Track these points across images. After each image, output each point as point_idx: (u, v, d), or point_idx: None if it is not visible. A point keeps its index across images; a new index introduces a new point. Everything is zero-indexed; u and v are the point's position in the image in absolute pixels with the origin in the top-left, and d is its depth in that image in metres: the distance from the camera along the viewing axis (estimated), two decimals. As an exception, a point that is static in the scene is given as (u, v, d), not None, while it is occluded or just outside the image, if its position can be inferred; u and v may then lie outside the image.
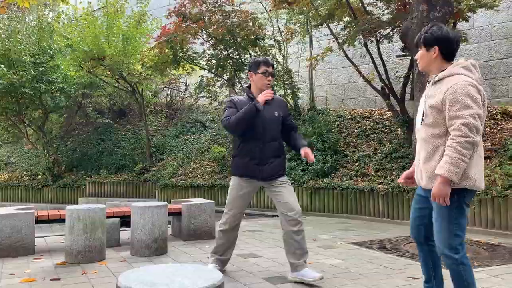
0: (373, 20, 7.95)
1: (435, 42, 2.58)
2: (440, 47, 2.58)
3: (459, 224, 2.52)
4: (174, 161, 12.05)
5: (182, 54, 10.87)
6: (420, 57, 2.69)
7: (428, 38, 2.59)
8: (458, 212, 2.52)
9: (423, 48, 2.64)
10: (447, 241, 2.51)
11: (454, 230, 2.51)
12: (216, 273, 2.02)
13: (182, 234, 5.66)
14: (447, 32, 2.59)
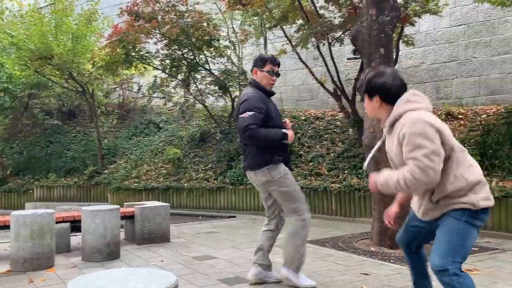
0: (325, 23, 8.12)
1: (375, 92, 2.48)
2: (380, 96, 2.47)
3: (462, 241, 2.26)
4: (127, 163, 11.77)
5: (135, 54, 10.65)
6: (366, 106, 2.61)
7: (368, 87, 2.51)
8: (465, 229, 2.28)
9: (366, 97, 2.55)
10: (443, 254, 2.25)
11: (454, 245, 2.25)
12: (170, 276, 2.00)
13: (136, 238, 5.54)
14: (386, 77, 2.46)
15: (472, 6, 8.87)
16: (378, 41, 5.21)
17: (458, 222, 2.28)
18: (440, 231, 2.34)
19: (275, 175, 3.47)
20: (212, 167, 10.07)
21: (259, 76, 3.60)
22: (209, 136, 11.50)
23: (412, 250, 2.70)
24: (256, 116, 3.36)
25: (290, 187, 3.53)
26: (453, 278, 2.20)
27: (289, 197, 3.55)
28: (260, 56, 3.67)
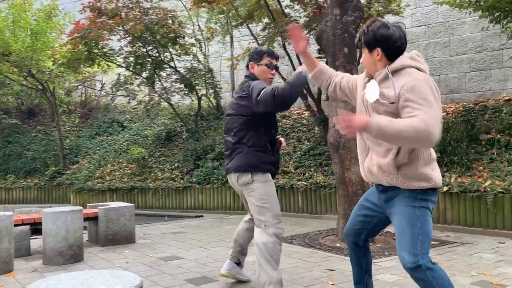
0: (291, 22, 8.19)
1: (377, 43, 2.28)
2: (382, 48, 2.28)
3: (423, 229, 2.24)
4: (90, 163, 11.49)
5: (98, 51, 10.40)
6: (364, 60, 2.38)
7: (368, 39, 2.30)
8: (422, 216, 2.25)
9: (365, 50, 2.34)
10: (410, 249, 2.20)
11: (418, 236, 2.22)
12: (134, 277, 1.96)
13: (100, 240, 5.41)
14: (387, 28, 2.27)
15: (432, 7, 9.16)
16: (342, 40, 5.30)
17: (414, 210, 2.24)
18: (399, 224, 2.28)
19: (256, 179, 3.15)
20: (178, 166, 9.96)
21: (257, 71, 3.29)
22: (175, 135, 11.37)
23: (359, 244, 2.64)
24: (270, 86, 3.07)
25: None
26: (427, 273, 2.17)
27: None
28: (256, 49, 3.37)
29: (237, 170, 3.18)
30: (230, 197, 8.65)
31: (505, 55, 8.41)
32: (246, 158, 3.15)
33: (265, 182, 3.17)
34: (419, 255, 2.18)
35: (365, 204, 2.59)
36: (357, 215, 2.62)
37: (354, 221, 2.63)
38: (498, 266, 4.14)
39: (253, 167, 3.14)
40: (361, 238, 2.62)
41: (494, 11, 7.03)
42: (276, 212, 3.16)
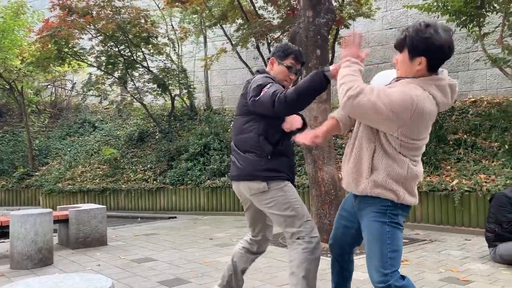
0: (264, 23, 8.23)
1: (424, 52, 2.02)
2: (428, 59, 2.03)
3: (393, 245, 2.13)
4: (61, 164, 11.23)
5: (68, 50, 10.18)
6: (401, 64, 2.14)
7: (416, 44, 2.02)
8: (392, 231, 2.14)
9: (405, 53, 2.08)
10: (379, 268, 2.12)
11: (388, 254, 2.12)
12: (105, 280, 1.94)
13: (70, 243, 5.31)
14: (440, 37, 1.99)
15: (402, 10, 9.37)
16: (314, 42, 5.36)
17: (383, 226, 2.13)
18: (368, 240, 2.19)
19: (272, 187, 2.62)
20: (151, 167, 9.86)
21: (275, 69, 2.77)
22: (148, 135, 11.25)
23: (342, 253, 2.52)
24: (273, 85, 2.55)
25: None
26: None
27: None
28: (285, 45, 2.80)
29: (241, 178, 2.69)
30: (204, 198, 8.62)
31: (471, 58, 8.68)
32: (250, 164, 2.64)
33: (282, 188, 2.61)
34: (388, 274, 2.09)
35: (342, 214, 2.48)
36: (337, 225, 2.50)
37: (335, 232, 2.51)
38: (465, 263, 4.28)
39: (257, 175, 2.61)
40: (344, 248, 2.50)
41: (460, 15, 7.25)
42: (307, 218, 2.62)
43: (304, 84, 2.39)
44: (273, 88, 2.49)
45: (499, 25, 7.35)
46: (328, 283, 3.68)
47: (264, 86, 2.54)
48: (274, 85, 2.55)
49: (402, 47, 2.09)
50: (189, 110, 11.48)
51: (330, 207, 5.24)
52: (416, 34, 2.01)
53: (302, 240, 2.55)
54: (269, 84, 2.54)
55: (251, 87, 2.60)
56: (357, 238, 2.46)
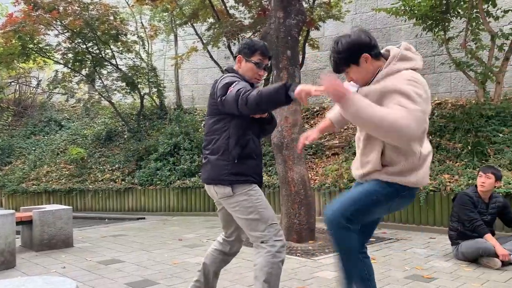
0: (235, 23, 8.22)
1: (362, 51, 2.18)
2: (369, 52, 2.19)
3: (368, 205, 2.21)
4: (24, 164, 10.88)
5: (33, 46, 9.87)
6: (355, 76, 2.25)
7: (352, 51, 2.18)
8: (380, 197, 2.21)
9: (352, 67, 2.21)
10: (343, 208, 2.18)
11: (360, 203, 2.20)
12: (69, 283, 1.89)
13: (34, 245, 5.14)
14: (360, 33, 2.21)
15: (371, 13, 9.56)
16: (285, 43, 5.40)
17: (380, 188, 2.20)
18: (358, 189, 2.27)
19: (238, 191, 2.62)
20: (119, 167, 9.68)
21: (243, 67, 2.73)
22: (116, 134, 11.04)
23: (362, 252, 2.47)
24: (241, 82, 2.55)
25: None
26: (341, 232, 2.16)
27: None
28: (249, 42, 2.76)
29: (208, 182, 2.69)
30: (174, 199, 8.53)
31: (436, 61, 8.94)
32: (217, 168, 2.63)
33: (247, 192, 2.60)
34: (346, 216, 2.15)
35: None
36: None
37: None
38: (429, 260, 4.40)
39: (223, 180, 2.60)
40: (358, 246, 2.40)
41: (426, 20, 7.47)
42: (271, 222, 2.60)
43: (268, 93, 2.35)
44: (238, 86, 2.48)
45: (462, 30, 7.61)
46: (296, 282, 3.71)
47: (230, 85, 2.53)
48: (240, 83, 2.54)
49: (342, 68, 2.24)
50: (159, 109, 11.34)
51: (299, 207, 5.29)
52: (342, 48, 2.19)
53: (265, 244, 2.55)
54: (235, 83, 2.53)
55: (218, 86, 2.59)
56: (367, 230, 2.48)
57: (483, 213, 4.30)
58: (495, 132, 6.67)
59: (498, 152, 6.33)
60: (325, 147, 8.16)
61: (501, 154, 6.26)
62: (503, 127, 6.76)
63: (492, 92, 7.41)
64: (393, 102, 2.03)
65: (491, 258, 4.09)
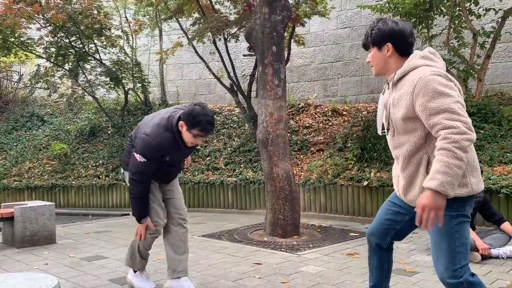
0: (221, 18, 8.17)
1: (387, 38, 2.18)
2: (392, 43, 2.18)
3: (461, 239, 2.04)
4: (6, 160, 10.69)
5: (14, 40, 9.69)
6: (373, 59, 2.26)
7: (377, 34, 2.21)
8: (459, 224, 2.04)
9: (374, 48, 2.24)
10: (448, 264, 2.03)
11: (456, 248, 2.03)
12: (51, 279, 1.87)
13: (16, 241, 5.08)
14: (396, 23, 2.20)
15: (356, 10, 9.61)
16: (270, 39, 5.40)
17: (451, 220, 2.03)
18: (435, 235, 2.08)
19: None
20: (103, 163, 9.58)
21: (184, 133, 3.07)
22: (100, 130, 10.92)
23: (382, 247, 2.45)
24: (148, 163, 3.09)
25: None
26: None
27: None
28: (194, 114, 2.99)
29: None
30: (159, 194, 8.48)
31: (420, 59, 9.04)
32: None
33: None
34: (458, 270, 2.01)
35: (392, 207, 2.41)
36: (385, 215, 2.43)
37: (380, 221, 2.44)
38: (411, 255, 4.47)
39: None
40: (387, 241, 2.44)
41: (410, 17, 7.54)
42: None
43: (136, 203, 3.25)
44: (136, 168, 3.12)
45: (445, 28, 7.71)
46: (280, 277, 3.73)
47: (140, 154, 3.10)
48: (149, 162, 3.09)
49: (367, 44, 2.27)
50: (143, 105, 11.24)
51: (284, 202, 5.31)
52: (375, 27, 2.21)
53: None
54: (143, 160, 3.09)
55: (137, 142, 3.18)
56: (401, 233, 2.42)
57: (464, 208, 4.37)
58: (476, 129, 6.79)
59: (478, 148, 6.44)
60: (310, 143, 8.21)
61: (481, 150, 6.38)
62: (484, 123, 6.88)
63: (474, 90, 7.53)
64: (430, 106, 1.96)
65: (471, 252, 4.17)
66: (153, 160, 3.09)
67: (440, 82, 1.98)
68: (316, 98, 10.00)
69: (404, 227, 2.38)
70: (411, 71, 2.12)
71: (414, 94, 2.02)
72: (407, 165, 2.16)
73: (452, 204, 2.00)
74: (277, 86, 5.38)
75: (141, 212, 3.27)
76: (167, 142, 3.07)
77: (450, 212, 2.01)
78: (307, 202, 7.14)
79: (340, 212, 6.81)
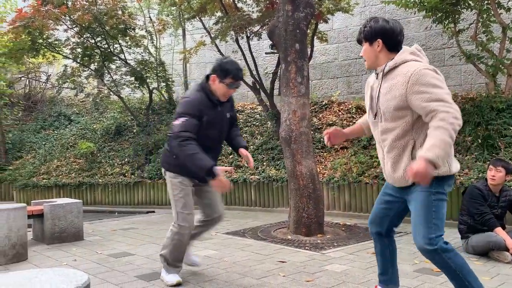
0: (243, 16, 8.18)
1: (377, 35, 2.46)
2: (382, 39, 2.46)
3: (438, 213, 2.37)
4: (35, 158, 11.00)
5: (42, 41, 9.93)
6: (364, 53, 2.55)
7: (368, 31, 2.48)
8: (437, 201, 2.39)
9: (366, 43, 2.52)
10: (425, 233, 2.35)
11: (432, 220, 2.36)
12: (80, 275, 1.91)
13: (45, 238, 5.21)
14: (386, 22, 2.47)
15: (380, 6, 9.46)
16: (293, 36, 5.37)
17: (429, 195, 2.37)
18: (415, 209, 2.43)
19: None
20: (129, 161, 9.74)
21: (216, 85, 3.21)
22: (125, 129, 11.10)
23: (382, 234, 2.77)
24: (188, 121, 3.07)
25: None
26: (443, 256, 2.33)
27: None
28: (223, 65, 3.20)
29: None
30: (183, 192, 8.56)
31: (446, 54, 8.85)
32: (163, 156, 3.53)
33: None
34: (433, 237, 2.33)
35: (384, 196, 2.72)
36: (379, 204, 2.75)
37: (376, 210, 2.77)
38: (438, 254, 4.38)
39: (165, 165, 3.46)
40: (384, 228, 2.76)
41: (436, 12, 7.37)
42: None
43: (194, 159, 2.99)
44: (184, 125, 3.05)
45: (473, 22, 7.51)
46: (305, 276, 3.72)
47: (180, 116, 3.09)
48: (189, 120, 3.06)
49: (360, 39, 2.56)
50: (168, 104, 11.37)
51: (308, 201, 5.29)
52: (367, 25, 2.50)
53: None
54: (184, 119, 3.06)
55: (178, 105, 3.23)
56: (396, 219, 2.75)
57: (494, 207, 4.27)
58: (506, 125, 6.60)
59: (509, 145, 6.26)
60: (334, 140, 8.12)
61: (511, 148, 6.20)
62: (514, 120, 6.68)
63: (503, 85, 7.32)
64: (425, 95, 2.26)
65: (501, 251, 4.07)
66: (194, 117, 3.09)
67: (432, 75, 2.28)
68: (339, 95, 9.91)
69: (397, 212, 2.70)
70: (402, 64, 2.40)
71: (408, 85, 2.30)
72: (392, 148, 2.46)
73: (432, 182, 2.31)
74: (300, 83, 5.35)
75: (206, 164, 2.99)
76: (202, 99, 3.18)
77: (430, 189, 2.36)
78: (331, 200, 7.09)
79: (365, 210, 6.73)
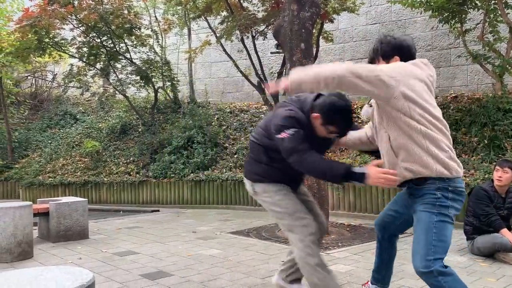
0: (249, 16, 8.18)
1: (394, 52, 2.45)
2: (400, 56, 2.44)
3: (439, 235, 2.23)
4: (41, 157, 11.05)
5: (49, 40, 9.98)
6: None
7: (387, 49, 2.46)
8: (440, 221, 2.26)
9: (382, 62, 2.46)
10: (422, 254, 2.22)
11: (432, 241, 2.22)
12: (85, 273, 1.92)
13: (51, 236, 5.24)
14: (407, 39, 2.49)
15: (386, 6, 9.43)
16: (299, 36, 5.36)
17: (431, 216, 2.24)
18: (416, 228, 2.31)
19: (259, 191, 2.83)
20: (134, 160, 9.77)
21: (317, 125, 2.64)
22: (130, 128, 11.13)
23: (384, 237, 2.78)
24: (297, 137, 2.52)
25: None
26: (439, 279, 2.18)
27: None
28: (334, 108, 2.57)
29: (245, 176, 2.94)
30: (187, 191, 8.59)
31: (452, 54, 8.80)
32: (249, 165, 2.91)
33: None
34: (431, 260, 2.19)
35: (397, 201, 2.70)
36: (389, 209, 2.75)
37: (384, 214, 2.77)
38: (444, 255, 4.35)
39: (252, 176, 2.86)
40: (388, 233, 2.77)
41: (443, 12, 7.34)
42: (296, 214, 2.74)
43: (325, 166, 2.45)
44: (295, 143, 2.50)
45: (480, 22, 7.47)
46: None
47: (285, 128, 2.53)
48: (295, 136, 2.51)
49: (376, 57, 2.51)
50: (173, 103, 11.39)
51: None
52: (384, 43, 2.48)
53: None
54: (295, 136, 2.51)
55: (274, 122, 2.60)
56: (401, 227, 2.74)
57: (500, 208, 4.24)
58: (513, 126, 6.56)
59: (515, 146, 6.22)
60: (339, 140, 8.11)
61: (518, 148, 6.16)
62: (521, 120, 6.64)
63: (510, 85, 7.27)
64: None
65: (507, 253, 4.04)
66: (300, 129, 2.55)
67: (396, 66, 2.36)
68: (345, 94, 9.87)
69: (404, 220, 2.66)
70: None
71: None
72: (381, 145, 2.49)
73: (435, 202, 2.26)
74: (306, 83, 5.34)
75: (338, 168, 2.42)
76: (303, 119, 2.62)
77: (433, 209, 2.26)
78: (336, 200, 7.08)
79: (370, 211, 6.71)
